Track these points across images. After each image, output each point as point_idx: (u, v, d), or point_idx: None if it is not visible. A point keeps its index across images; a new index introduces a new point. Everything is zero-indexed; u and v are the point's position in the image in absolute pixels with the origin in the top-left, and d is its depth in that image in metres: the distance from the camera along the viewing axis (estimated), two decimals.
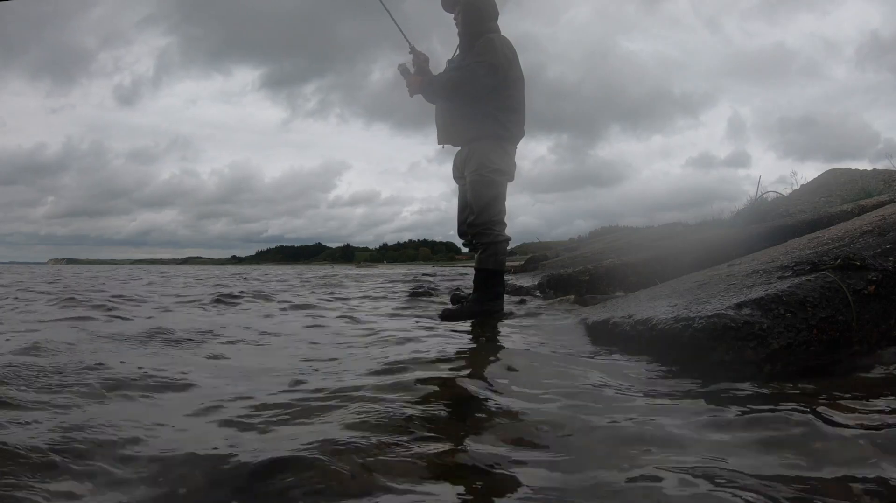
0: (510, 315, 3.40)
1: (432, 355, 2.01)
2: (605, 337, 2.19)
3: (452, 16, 3.61)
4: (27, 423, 1.18)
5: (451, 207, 3.74)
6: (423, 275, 12.53)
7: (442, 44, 3.54)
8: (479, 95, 3.37)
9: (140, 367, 1.75)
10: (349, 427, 1.17)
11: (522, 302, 4.30)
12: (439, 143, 3.64)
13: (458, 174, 3.60)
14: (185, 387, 1.59)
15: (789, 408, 1.22)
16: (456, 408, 1.34)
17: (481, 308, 3.37)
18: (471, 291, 3.77)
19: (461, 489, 0.93)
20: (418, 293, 5.33)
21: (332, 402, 1.38)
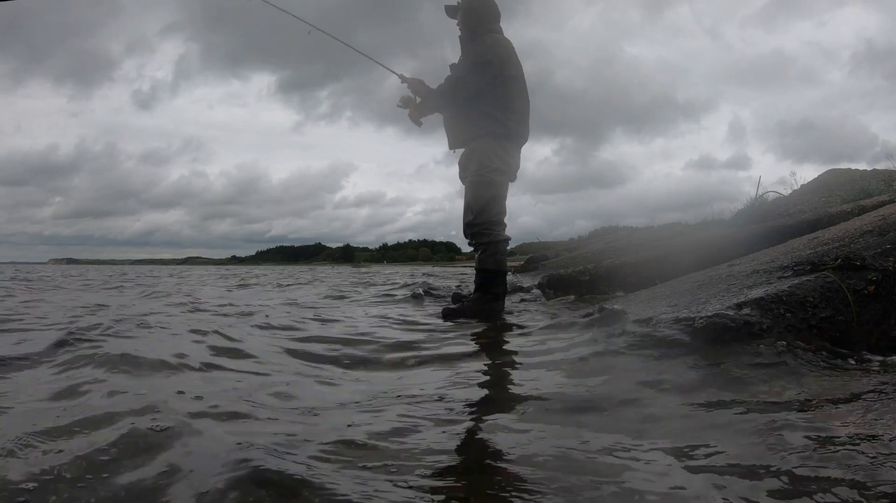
0: (510, 315, 3.40)
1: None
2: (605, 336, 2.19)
3: (455, 21, 3.62)
4: None
5: (454, 208, 3.77)
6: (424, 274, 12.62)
7: (454, 50, 3.56)
8: (473, 94, 3.38)
9: None
10: None
11: (522, 302, 4.30)
12: (450, 148, 3.66)
13: (463, 174, 3.62)
14: None
15: (788, 408, 1.22)
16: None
17: (482, 308, 3.37)
18: (471, 291, 3.78)
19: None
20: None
21: None
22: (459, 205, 3.67)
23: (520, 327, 2.76)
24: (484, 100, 3.38)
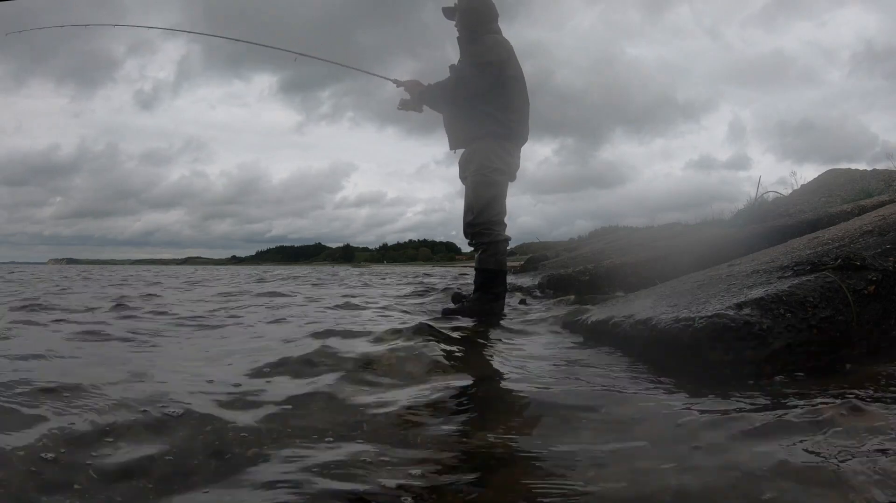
0: (510, 315, 3.40)
1: None
2: (605, 336, 2.19)
3: (454, 23, 3.61)
4: None
5: (454, 208, 3.79)
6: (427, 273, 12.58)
7: (455, 50, 3.57)
8: (474, 95, 3.37)
9: None
10: None
11: (523, 302, 4.30)
12: (451, 149, 3.66)
13: (463, 175, 3.62)
14: None
15: (788, 408, 1.22)
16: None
17: (482, 308, 3.37)
18: (471, 291, 3.77)
19: None
20: None
21: None
22: (459, 205, 3.67)
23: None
24: (484, 100, 3.38)
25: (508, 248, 3.61)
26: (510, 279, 4.07)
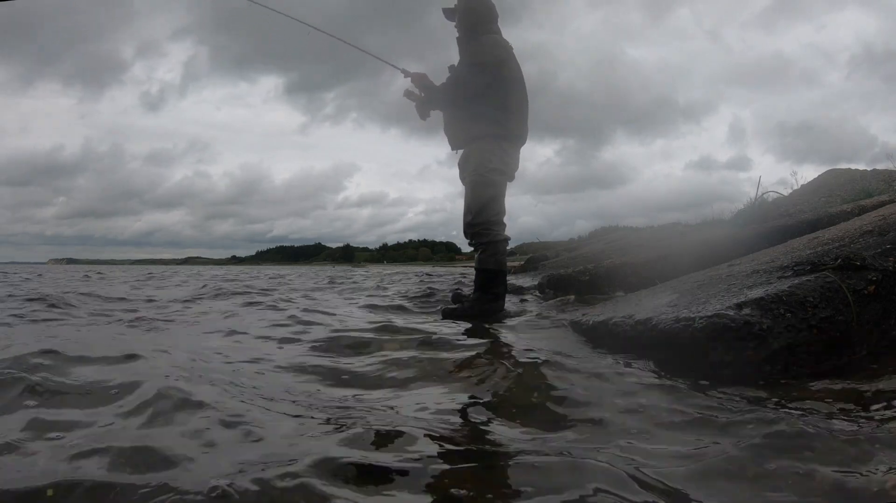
0: (510, 315, 3.40)
1: None
2: (605, 337, 2.19)
3: (454, 24, 3.61)
4: None
5: (455, 208, 3.79)
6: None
7: (457, 52, 3.57)
8: (473, 95, 3.37)
9: None
10: None
11: (523, 302, 4.30)
12: (452, 149, 3.65)
13: (462, 175, 3.62)
14: None
15: (788, 408, 1.22)
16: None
17: (481, 307, 3.37)
18: (472, 291, 3.77)
19: None
20: None
21: None
22: (460, 205, 3.67)
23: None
24: (483, 101, 3.37)
25: (508, 247, 3.60)
26: (510, 279, 4.07)
